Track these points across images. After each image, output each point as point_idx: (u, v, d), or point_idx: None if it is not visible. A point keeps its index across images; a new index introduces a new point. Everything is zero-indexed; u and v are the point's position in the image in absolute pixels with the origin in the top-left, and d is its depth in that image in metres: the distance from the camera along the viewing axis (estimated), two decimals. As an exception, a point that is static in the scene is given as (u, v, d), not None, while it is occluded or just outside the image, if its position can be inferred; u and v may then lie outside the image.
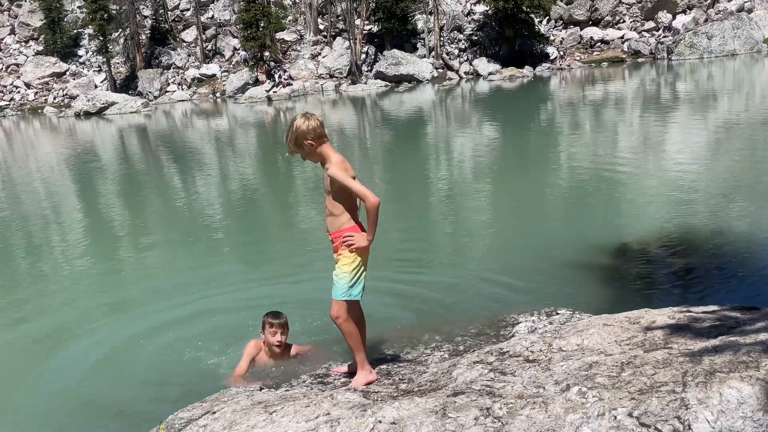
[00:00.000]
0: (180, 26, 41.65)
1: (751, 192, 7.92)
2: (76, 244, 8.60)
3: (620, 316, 3.91)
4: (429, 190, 9.71)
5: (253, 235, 8.06)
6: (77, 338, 5.28)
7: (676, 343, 3.12)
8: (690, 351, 2.96)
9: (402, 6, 35.57)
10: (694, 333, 3.19)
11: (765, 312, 3.70)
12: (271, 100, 32.16)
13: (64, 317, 5.81)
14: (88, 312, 5.89)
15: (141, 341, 5.05)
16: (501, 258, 6.29)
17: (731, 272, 5.39)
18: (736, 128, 12.72)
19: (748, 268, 5.42)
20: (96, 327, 5.47)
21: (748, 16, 33.38)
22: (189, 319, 5.35)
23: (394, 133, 18.16)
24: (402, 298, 5.46)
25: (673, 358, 2.92)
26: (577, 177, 9.55)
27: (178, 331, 5.12)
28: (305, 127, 3.69)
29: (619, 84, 25.36)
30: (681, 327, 3.35)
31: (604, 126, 15.65)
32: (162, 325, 5.27)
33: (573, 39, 35.63)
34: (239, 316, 5.22)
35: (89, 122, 29.53)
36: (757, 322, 3.22)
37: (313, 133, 3.68)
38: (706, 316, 3.69)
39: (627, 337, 3.40)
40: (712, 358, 2.79)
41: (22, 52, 42.51)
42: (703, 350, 2.90)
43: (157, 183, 13.20)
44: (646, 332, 3.38)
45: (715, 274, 5.41)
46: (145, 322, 5.42)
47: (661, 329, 3.35)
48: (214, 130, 22.59)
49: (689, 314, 3.75)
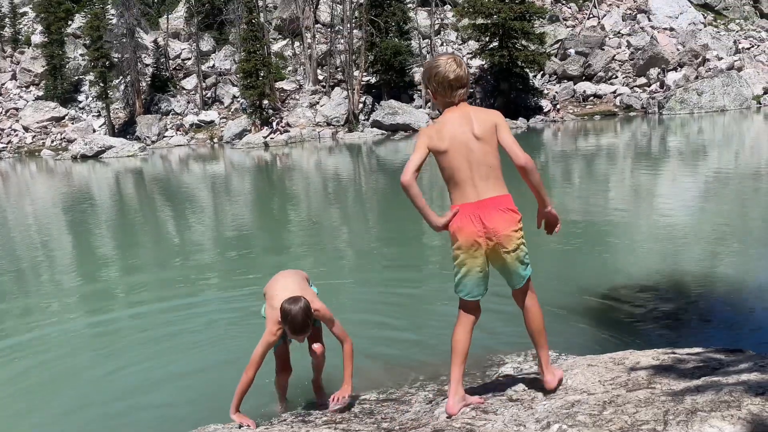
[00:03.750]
0: (181, 74, 42.31)
1: (738, 240, 7.97)
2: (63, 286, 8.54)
3: (605, 357, 3.88)
4: (422, 232, 9.71)
5: (247, 281, 7.97)
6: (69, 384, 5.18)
7: (659, 383, 3.09)
8: (672, 390, 2.93)
9: (400, 59, 36.29)
10: (678, 373, 3.16)
11: (749, 354, 3.67)
12: (268, 146, 32.46)
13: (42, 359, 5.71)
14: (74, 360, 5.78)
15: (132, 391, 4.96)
16: (489, 299, 6.22)
17: (718, 317, 5.39)
18: (724, 180, 12.85)
19: (735, 312, 5.41)
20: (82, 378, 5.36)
21: (738, 74, 34.12)
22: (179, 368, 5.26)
23: (387, 179, 18.29)
24: (389, 337, 5.42)
25: (656, 397, 2.89)
26: (566, 222, 9.58)
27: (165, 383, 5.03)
28: (435, 70, 3.12)
29: (611, 136, 25.72)
30: (665, 368, 3.32)
31: (595, 175, 15.80)
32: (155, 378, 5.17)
33: (566, 93, 36.28)
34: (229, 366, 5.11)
35: (85, 165, 29.70)
36: (741, 364, 3.20)
37: (437, 83, 3.12)
38: (690, 358, 3.66)
39: (611, 377, 3.36)
40: (694, 398, 2.76)
41: (22, 96, 43.02)
42: (686, 390, 2.87)
43: (147, 225, 13.18)
44: (630, 372, 3.35)
45: (701, 319, 5.39)
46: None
47: (645, 369, 3.32)
48: (208, 174, 22.72)
49: (673, 356, 3.73)
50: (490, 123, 3.20)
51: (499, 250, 3.11)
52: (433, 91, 3.19)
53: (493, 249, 3.11)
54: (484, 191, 3.11)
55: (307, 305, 3.68)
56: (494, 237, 3.08)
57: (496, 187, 3.13)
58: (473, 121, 3.17)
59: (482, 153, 3.13)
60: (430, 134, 3.15)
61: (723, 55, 37.78)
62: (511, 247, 3.12)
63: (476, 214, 3.09)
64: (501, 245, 3.10)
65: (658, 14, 41.00)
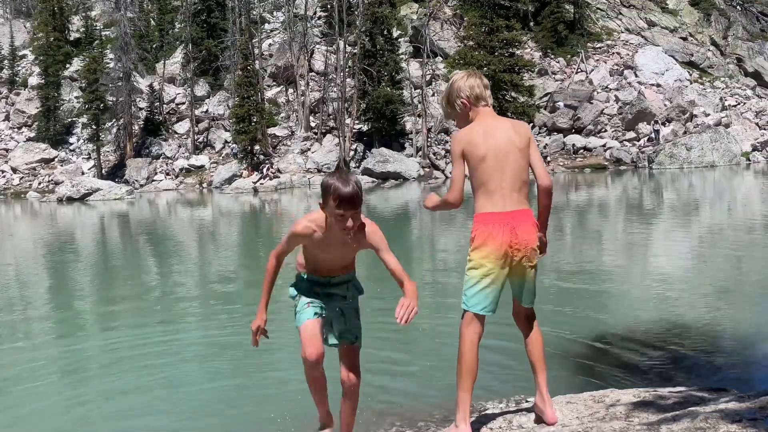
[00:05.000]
0: (174, 118, 42.54)
1: (726, 289, 7.90)
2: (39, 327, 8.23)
3: (585, 395, 3.67)
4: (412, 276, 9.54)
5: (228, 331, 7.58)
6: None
7: (636, 416, 2.88)
8: (649, 421, 2.72)
9: (391, 108, 36.65)
10: (657, 408, 2.96)
11: (732, 392, 3.46)
12: (257, 191, 32.37)
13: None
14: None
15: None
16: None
17: (704, 360, 5.18)
18: (712, 233, 12.79)
19: (722, 357, 5.24)
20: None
21: (726, 130, 34.58)
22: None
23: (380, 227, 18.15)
24: (367, 383, 5.14)
25: (631, 427, 2.66)
26: (557, 269, 9.40)
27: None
28: (462, 82, 3.11)
29: (602, 190, 25.78)
30: (644, 403, 3.12)
31: (587, 227, 15.71)
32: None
33: (556, 145, 36.58)
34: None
35: (71, 207, 29.42)
36: (722, 397, 2.98)
37: (469, 90, 3.10)
38: (671, 395, 3.45)
39: (589, 413, 3.14)
40: (669, 426, 2.54)
41: (13, 137, 43.04)
42: (662, 420, 2.66)
43: (127, 270, 12.80)
44: (609, 408, 3.14)
45: (687, 363, 5.20)
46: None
47: (624, 405, 3.11)
48: (195, 219, 22.49)
49: (655, 393, 3.52)
50: (527, 137, 3.14)
51: (526, 264, 3.04)
52: (464, 103, 3.12)
53: (519, 262, 3.03)
54: (515, 203, 3.05)
55: (358, 179, 3.09)
56: (523, 249, 3.01)
57: (525, 201, 3.10)
58: (513, 130, 3.11)
59: (519, 165, 3.08)
60: (465, 140, 3.08)
61: (710, 111, 38.40)
62: (534, 262, 3.09)
63: (510, 224, 3.01)
64: (528, 258, 3.04)
65: (645, 70, 41.80)
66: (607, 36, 45.51)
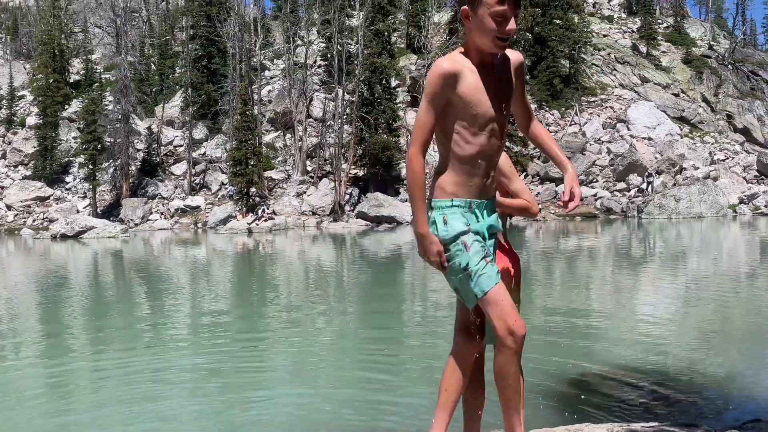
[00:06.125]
0: (171, 160, 42.95)
1: (707, 331, 8.00)
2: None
3: (559, 429, 3.75)
4: (401, 320, 9.63)
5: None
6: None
7: (605, 442, 2.96)
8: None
9: (387, 154, 37.17)
10: (626, 435, 3.04)
11: (704, 428, 3.57)
12: (252, 232, 32.49)
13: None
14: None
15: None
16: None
17: (680, 397, 5.26)
18: (698, 281, 12.95)
19: (697, 394, 5.31)
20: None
21: (714, 183, 35.17)
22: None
23: (369, 270, 18.25)
24: (353, 413, 5.21)
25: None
26: (545, 312, 9.52)
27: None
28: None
29: (592, 238, 26.01)
30: (614, 432, 3.20)
31: (576, 273, 15.85)
32: None
33: (549, 194, 37.01)
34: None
35: (64, 245, 29.43)
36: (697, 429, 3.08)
37: None
38: (644, 430, 3.55)
39: (559, 442, 3.22)
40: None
41: (9, 175, 43.30)
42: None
43: (117, 309, 12.80)
44: (580, 437, 3.22)
45: (663, 399, 5.27)
46: None
47: (595, 434, 3.19)
48: (189, 259, 22.55)
49: (628, 428, 3.62)
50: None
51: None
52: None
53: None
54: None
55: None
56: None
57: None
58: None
59: None
60: None
61: (699, 164, 39.06)
62: None
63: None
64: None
65: (637, 124, 42.62)
66: (601, 90, 46.53)
